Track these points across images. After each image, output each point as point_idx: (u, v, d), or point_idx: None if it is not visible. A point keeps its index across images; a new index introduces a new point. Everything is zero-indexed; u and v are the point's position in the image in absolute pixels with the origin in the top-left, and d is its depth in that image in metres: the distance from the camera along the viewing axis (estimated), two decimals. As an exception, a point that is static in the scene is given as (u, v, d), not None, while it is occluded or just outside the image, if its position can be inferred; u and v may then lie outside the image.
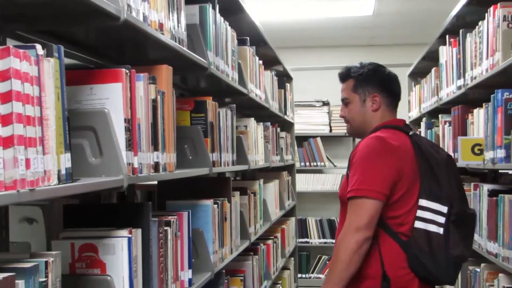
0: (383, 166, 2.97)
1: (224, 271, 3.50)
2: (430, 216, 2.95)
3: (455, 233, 2.97)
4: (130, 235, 2.10)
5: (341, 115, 3.31)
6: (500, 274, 3.85)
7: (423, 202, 2.97)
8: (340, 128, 8.52)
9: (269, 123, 5.63)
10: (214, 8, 3.42)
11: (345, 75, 3.30)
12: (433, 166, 3.01)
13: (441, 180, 3.01)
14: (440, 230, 2.95)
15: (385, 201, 2.95)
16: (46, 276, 1.65)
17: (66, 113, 1.74)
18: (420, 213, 2.96)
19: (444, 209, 2.96)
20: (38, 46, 1.60)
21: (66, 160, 1.71)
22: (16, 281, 1.48)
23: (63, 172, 1.69)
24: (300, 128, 8.43)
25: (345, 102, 3.27)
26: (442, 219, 2.95)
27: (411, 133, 3.12)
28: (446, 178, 3.02)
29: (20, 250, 2.35)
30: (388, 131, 3.11)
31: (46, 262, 1.65)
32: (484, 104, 3.98)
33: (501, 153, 3.54)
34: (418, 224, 2.95)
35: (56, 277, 1.70)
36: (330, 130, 8.65)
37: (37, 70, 1.57)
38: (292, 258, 7.38)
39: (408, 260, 2.97)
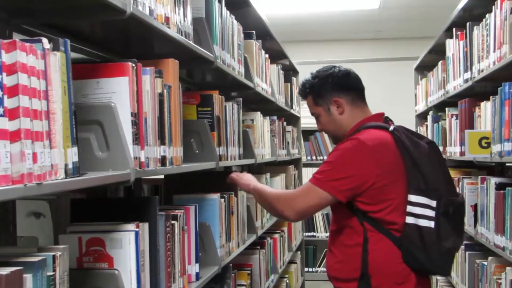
0: (354, 166, 2.95)
1: (231, 265, 3.50)
2: (420, 211, 2.93)
3: (446, 224, 2.95)
4: (137, 229, 2.10)
5: (319, 129, 3.33)
6: (508, 268, 3.85)
7: (412, 198, 2.94)
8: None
9: (275, 117, 5.62)
10: (220, 1, 3.41)
11: (303, 93, 3.31)
12: (417, 161, 2.96)
13: (426, 173, 2.97)
14: (431, 224, 2.93)
15: (340, 200, 2.97)
16: (54, 270, 1.64)
17: (73, 107, 1.73)
18: (410, 208, 2.94)
19: (433, 203, 2.93)
20: (45, 40, 1.59)
21: (73, 154, 1.71)
22: (24, 275, 1.48)
23: (70, 166, 1.68)
24: (306, 122, 8.39)
25: (315, 116, 3.28)
26: (432, 213, 2.93)
27: (391, 128, 3.05)
28: (431, 170, 2.99)
29: (28, 245, 2.36)
30: (369, 132, 3.06)
31: (54, 256, 1.65)
32: (491, 97, 3.97)
33: (508, 146, 3.53)
34: (409, 220, 2.94)
35: (64, 271, 1.70)
36: (337, 124, 8.62)
37: (43, 64, 1.57)
38: (299, 252, 7.39)
39: (402, 256, 2.97)
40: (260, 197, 3.26)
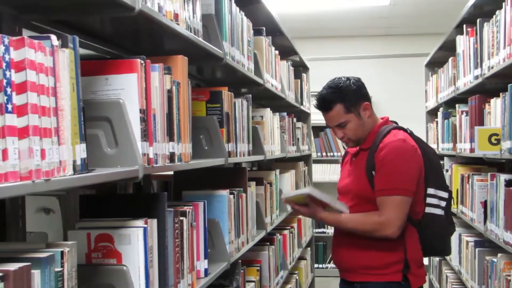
0: (412, 167, 3.25)
1: (240, 261, 3.50)
2: (436, 202, 3.32)
3: (448, 212, 3.37)
4: (145, 225, 2.11)
5: (340, 137, 3.45)
6: (517, 265, 3.84)
7: (431, 191, 3.31)
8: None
9: (285, 113, 5.62)
10: (229, -2, 3.41)
11: (328, 104, 3.36)
12: (432, 158, 3.36)
13: (439, 170, 3.40)
14: (443, 212, 3.33)
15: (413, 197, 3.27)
16: (62, 266, 1.65)
17: (81, 104, 1.74)
18: (429, 200, 3.30)
19: (446, 194, 3.34)
20: (53, 37, 1.60)
21: (81, 151, 1.72)
22: (32, 271, 1.49)
23: (78, 162, 1.69)
24: (316, 118, 8.39)
25: (343, 125, 3.38)
26: (444, 203, 3.33)
27: (408, 130, 3.42)
28: (439, 166, 3.41)
29: (37, 240, 2.36)
30: (399, 132, 3.36)
31: (62, 252, 1.65)
32: (501, 93, 3.96)
33: (518, 143, 3.52)
34: (428, 210, 3.31)
35: (72, 267, 1.70)
36: (347, 120, 8.61)
37: (52, 61, 1.58)
38: (309, 248, 7.39)
39: (420, 241, 3.33)
40: (347, 229, 3.39)
